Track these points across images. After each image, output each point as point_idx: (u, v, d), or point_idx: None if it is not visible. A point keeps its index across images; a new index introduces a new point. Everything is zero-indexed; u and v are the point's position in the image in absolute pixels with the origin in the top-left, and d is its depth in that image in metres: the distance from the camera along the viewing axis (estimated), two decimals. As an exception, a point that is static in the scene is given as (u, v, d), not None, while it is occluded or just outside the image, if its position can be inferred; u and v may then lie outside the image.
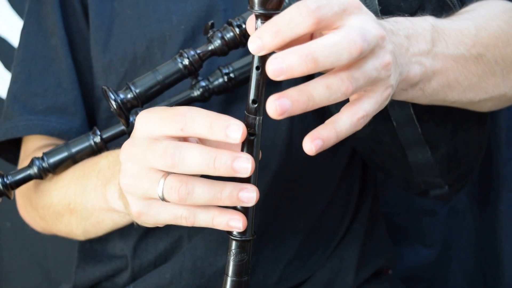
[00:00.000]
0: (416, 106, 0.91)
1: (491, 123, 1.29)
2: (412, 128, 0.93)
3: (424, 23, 0.78)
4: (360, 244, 1.06)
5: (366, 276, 1.06)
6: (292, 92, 0.61)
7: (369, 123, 0.96)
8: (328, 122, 0.64)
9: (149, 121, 0.68)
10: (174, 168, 0.65)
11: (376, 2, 0.84)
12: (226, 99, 0.96)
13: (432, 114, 0.93)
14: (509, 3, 0.96)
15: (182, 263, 0.97)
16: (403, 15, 0.77)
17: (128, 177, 0.70)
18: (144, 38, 0.98)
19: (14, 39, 1.49)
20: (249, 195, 0.67)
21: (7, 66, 1.50)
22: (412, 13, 0.79)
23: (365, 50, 0.61)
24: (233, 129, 0.64)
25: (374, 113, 0.67)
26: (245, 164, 0.64)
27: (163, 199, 0.68)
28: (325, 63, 0.60)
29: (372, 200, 1.12)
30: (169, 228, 0.98)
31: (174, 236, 0.99)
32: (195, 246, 0.97)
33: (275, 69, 0.59)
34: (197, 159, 0.65)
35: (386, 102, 0.68)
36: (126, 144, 0.70)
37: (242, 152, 0.66)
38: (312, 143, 0.63)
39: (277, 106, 0.60)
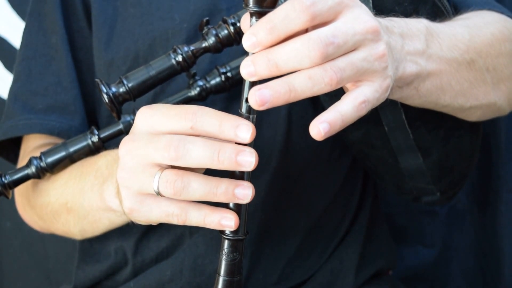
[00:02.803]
0: (408, 112, 0.91)
1: (491, 124, 1.29)
2: (403, 134, 0.94)
3: (419, 24, 0.79)
4: (360, 245, 1.06)
5: (366, 277, 1.06)
6: (273, 83, 0.62)
7: (362, 126, 0.97)
8: (331, 107, 0.64)
9: (152, 117, 0.68)
10: (178, 161, 0.66)
11: (371, 5, 0.85)
12: (228, 96, 0.97)
13: (424, 120, 0.93)
14: (501, 15, 0.97)
15: (183, 260, 0.97)
16: (398, 17, 0.78)
17: (126, 170, 0.70)
18: (146, 36, 0.98)
19: (14, 39, 1.49)
20: (245, 192, 0.67)
21: (8, 66, 1.50)
22: (407, 17, 0.80)
23: (333, 53, 0.62)
24: (243, 129, 0.65)
25: (375, 102, 0.67)
26: (249, 158, 0.65)
27: (158, 193, 0.68)
28: (287, 68, 0.62)
29: (373, 201, 1.12)
30: (171, 225, 0.98)
31: (176, 234, 0.99)
32: (195, 243, 0.98)
33: (247, 73, 0.62)
34: (201, 151, 0.65)
35: (386, 94, 0.69)
36: (126, 139, 0.70)
37: (245, 146, 0.66)
38: (319, 126, 0.63)
39: (257, 97, 0.62)
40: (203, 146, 0.65)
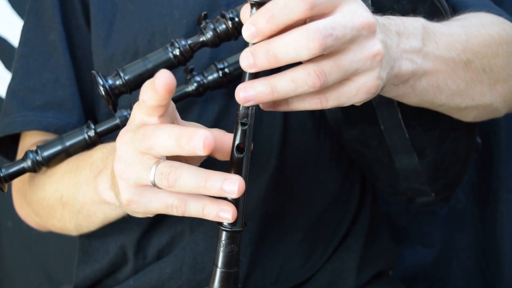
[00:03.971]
0: (404, 111, 0.91)
1: (491, 123, 1.29)
2: (399, 133, 0.94)
3: (416, 23, 0.79)
4: (361, 246, 1.06)
5: (367, 277, 1.06)
6: (258, 83, 0.64)
7: (357, 125, 0.97)
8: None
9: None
10: (180, 150, 0.66)
11: (369, 2, 0.85)
12: (228, 92, 0.97)
13: (420, 120, 0.94)
14: (500, 17, 0.98)
15: (183, 258, 0.97)
16: (396, 15, 0.78)
17: (123, 162, 0.70)
18: (146, 32, 0.98)
19: (14, 39, 1.50)
20: (232, 188, 0.66)
21: (8, 66, 1.51)
22: (404, 15, 0.80)
23: (331, 45, 0.62)
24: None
25: (346, 99, 0.68)
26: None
27: (154, 185, 0.68)
28: (286, 59, 0.62)
29: (372, 201, 1.12)
30: (172, 222, 0.99)
31: (176, 231, 0.99)
32: (195, 241, 0.98)
33: (246, 64, 0.63)
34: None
35: (370, 95, 0.68)
36: (123, 131, 0.71)
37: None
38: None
39: (240, 95, 0.64)
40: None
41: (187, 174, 0.66)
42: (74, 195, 0.91)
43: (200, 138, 0.64)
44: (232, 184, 0.66)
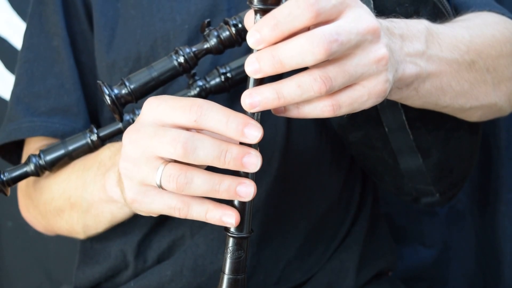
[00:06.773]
0: (408, 113, 0.91)
1: (491, 124, 1.29)
2: (403, 135, 0.94)
3: (419, 25, 0.79)
4: (360, 246, 1.06)
5: (367, 278, 1.06)
6: (263, 89, 0.64)
7: (362, 127, 0.97)
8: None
9: (158, 108, 0.68)
10: (184, 158, 0.66)
11: (372, 5, 0.85)
12: (230, 96, 0.97)
13: (424, 121, 0.94)
14: (502, 16, 0.97)
15: (183, 261, 0.97)
16: (399, 18, 0.78)
17: (129, 161, 0.70)
18: (148, 37, 0.98)
19: (14, 40, 1.49)
20: (247, 190, 0.67)
21: (8, 66, 1.50)
22: (407, 18, 0.80)
23: (336, 50, 0.62)
24: (252, 128, 0.65)
25: (358, 105, 0.68)
26: (254, 160, 0.66)
27: (160, 187, 0.68)
28: (291, 64, 0.62)
29: (373, 202, 1.12)
30: (172, 226, 0.99)
31: (177, 234, 0.99)
32: (196, 244, 0.98)
33: (252, 70, 0.63)
34: (209, 151, 0.65)
35: (380, 99, 0.69)
36: (131, 128, 0.70)
37: (251, 148, 0.66)
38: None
39: (246, 101, 0.64)
40: (211, 145, 0.65)
41: (200, 177, 0.67)
42: (82, 195, 0.91)
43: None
44: (248, 187, 0.67)
